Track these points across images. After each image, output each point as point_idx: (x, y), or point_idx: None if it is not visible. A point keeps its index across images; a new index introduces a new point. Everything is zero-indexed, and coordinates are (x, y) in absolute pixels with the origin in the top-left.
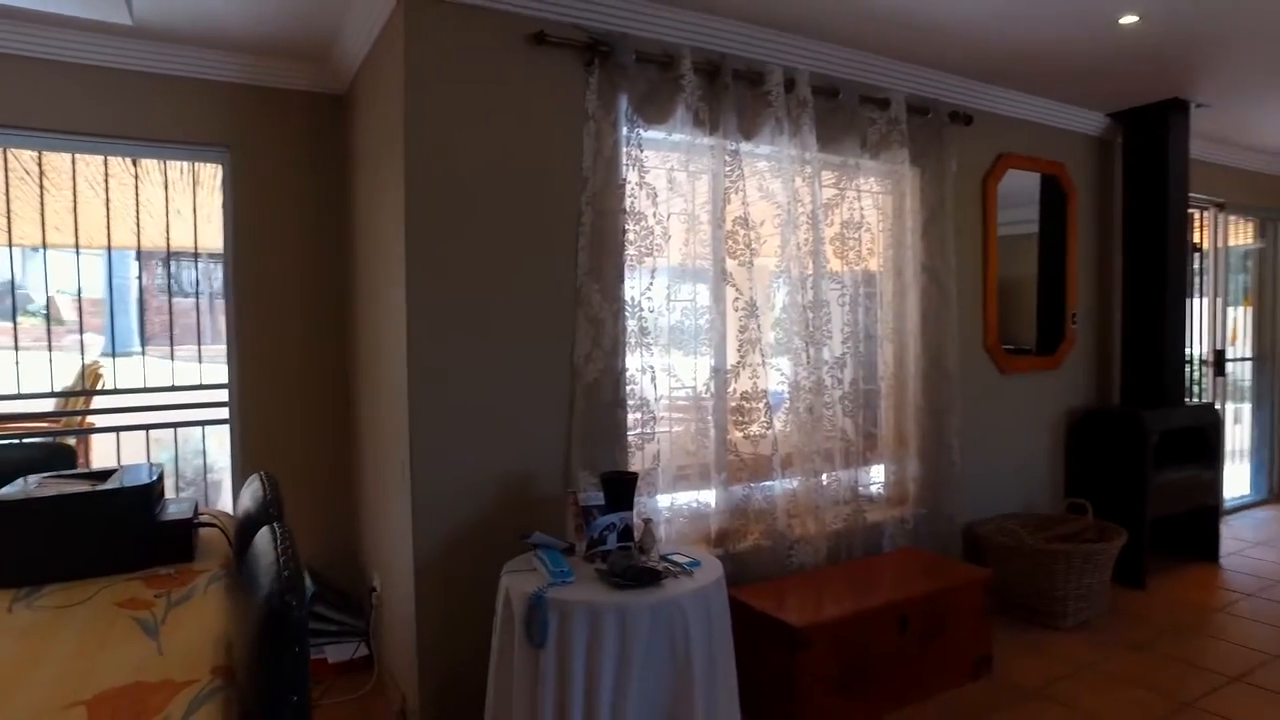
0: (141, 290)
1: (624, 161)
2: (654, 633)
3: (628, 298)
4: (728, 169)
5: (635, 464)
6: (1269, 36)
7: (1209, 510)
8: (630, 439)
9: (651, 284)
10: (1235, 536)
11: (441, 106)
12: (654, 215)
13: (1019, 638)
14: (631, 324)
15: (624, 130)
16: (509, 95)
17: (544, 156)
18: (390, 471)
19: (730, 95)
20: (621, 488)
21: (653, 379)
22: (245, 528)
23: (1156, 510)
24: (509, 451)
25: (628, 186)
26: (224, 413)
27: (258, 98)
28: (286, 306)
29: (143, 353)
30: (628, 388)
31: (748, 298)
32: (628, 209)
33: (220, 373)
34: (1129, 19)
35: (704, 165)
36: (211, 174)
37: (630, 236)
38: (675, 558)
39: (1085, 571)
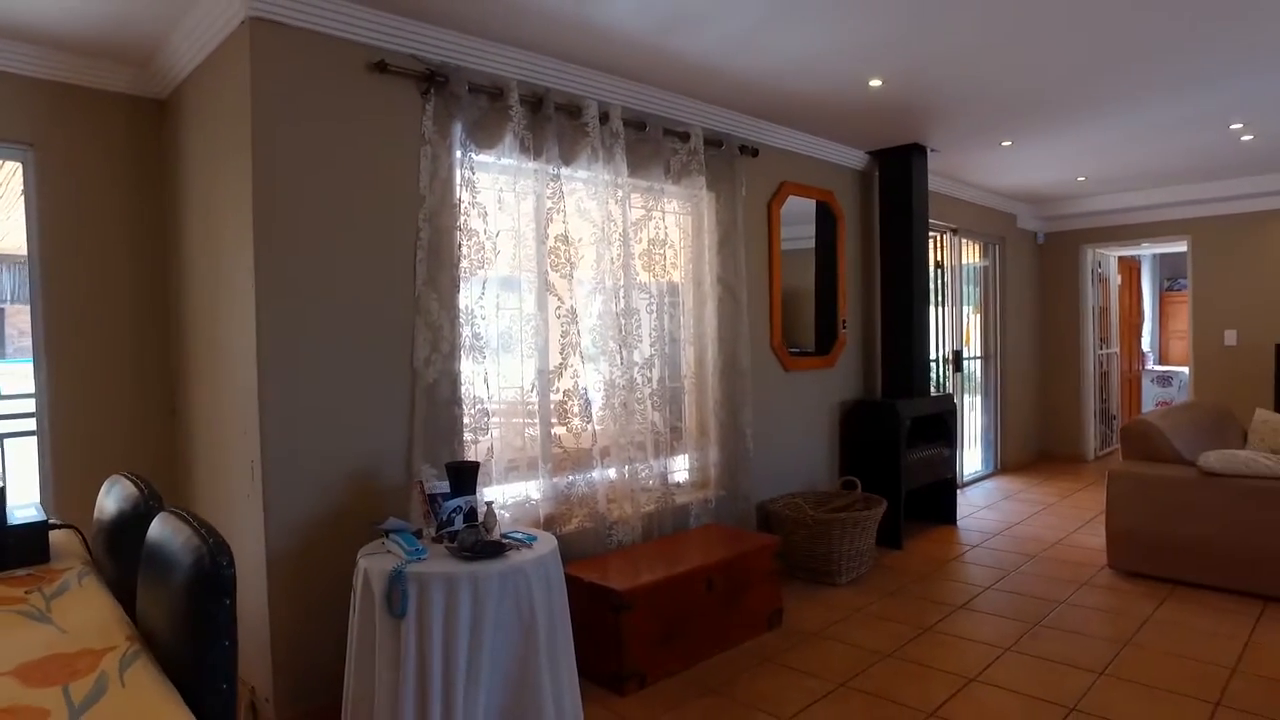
0: None
1: (458, 182)
2: (502, 597)
3: (463, 306)
4: (550, 191)
5: (470, 458)
6: (971, 105)
7: (949, 482)
8: (466, 435)
9: (483, 294)
10: (969, 503)
11: (287, 126)
12: (485, 231)
13: (804, 593)
14: (466, 330)
15: (458, 154)
16: (352, 118)
17: (385, 176)
18: (236, 471)
19: (553, 125)
20: (465, 474)
21: (485, 380)
22: (117, 528)
23: (910, 483)
24: (356, 448)
25: (462, 205)
26: (26, 424)
27: (67, 95)
28: (102, 311)
29: None
30: (463, 388)
31: (568, 306)
32: (462, 225)
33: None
34: (876, 82)
35: (529, 187)
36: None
37: (464, 251)
38: (515, 535)
39: (855, 536)
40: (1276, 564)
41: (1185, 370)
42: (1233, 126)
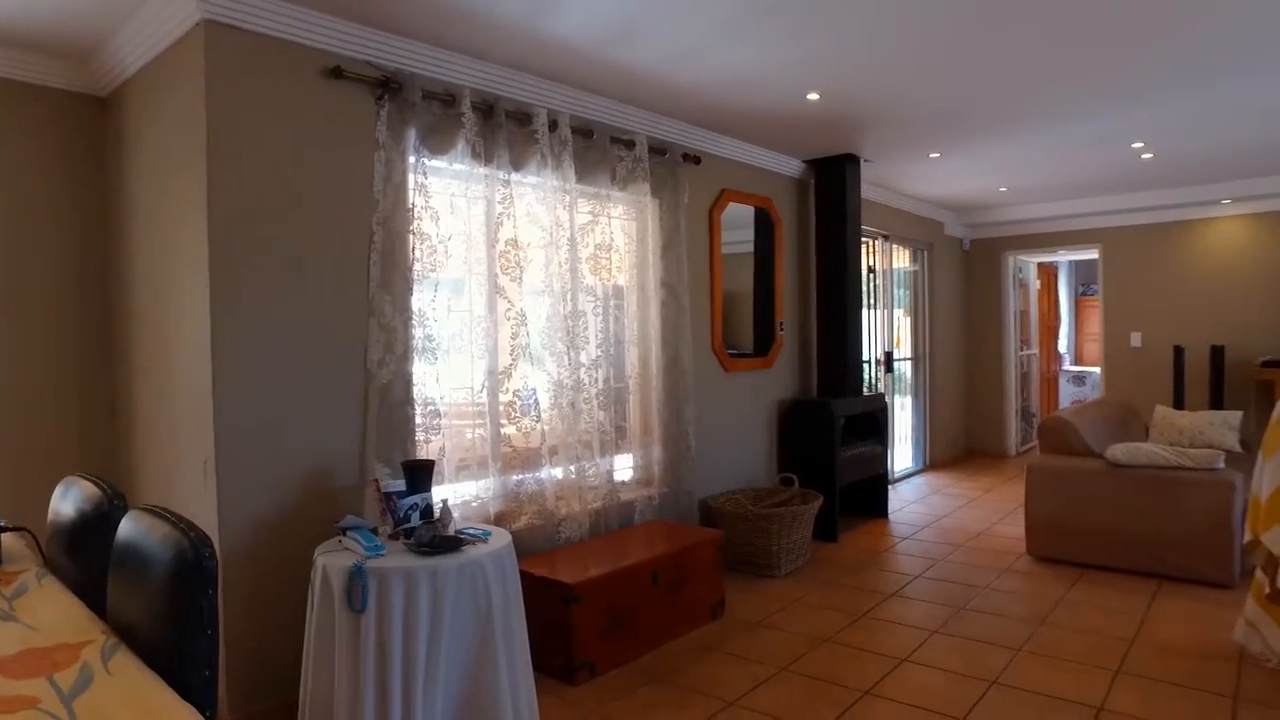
0: None
1: (412, 187)
2: (460, 589)
3: (415, 308)
4: (501, 196)
5: (422, 457)
6: (902, 119)
7: (881, 478)
8: (418, 435)
9: (435, 296)
10: (900, 498)
11: (243, 130)
12: (437, 235)
13: (745, 585)
14: (419, 331)
15: (412, 159)
16: (307, 123)
17: (339, 180)
18: (186, 471)
19: (503, 132)
20: (421, 472)
21: (438, 380)
22: (77, 528)
23: (844, 479)
24: (310, 447)
25: (415, 209)
26: None
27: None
28: (38, 310)
29: None
30: (416, 389)
31: (518, 309)
32: (415, 229)
33: None
34: (814, 95)
35: (480, 192)
36: None
37: (417, 254)
38: (471, 530)
39: (793, 530)
40: (1170, 546)
41: (1097, 370)
42: (1134, 145)
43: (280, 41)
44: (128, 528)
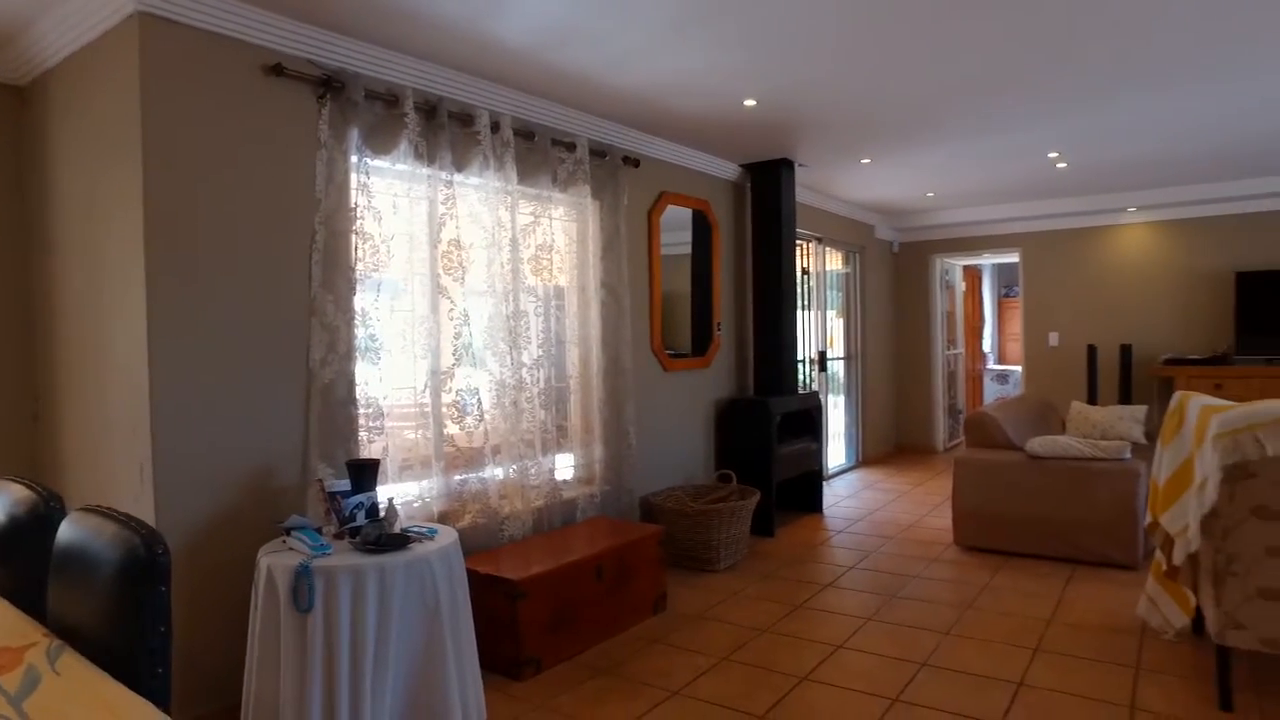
0: None
1: (354, 187)
2: (408, 586)
3: (359, 308)
4: (443, 196)
5: (366, 456)
6: (835, 126)
7: (816, 474)
8: (362, 435)
9: (379, 296)
10: (834, 493)
11: (180, 126)
12: (380, 235)
13: (686, 579)
14: (361, 331)
15: (354, 159)
16: (247, 120)
17: (280, 178)
18: (120, 474)
19: (446, 133)
20: (366, 472)
21: (381, 380)
22: (9, 534)
23: (780, 475)
24: (250, 448)
25: (358, 209)
26: None
27: None
28: None
29: None
30: (359, 388)
31: (460, 309)
32: (358, 229)
33: None
34: (750, 102)
35: (423, 192)
36: None
37: (360, 254)
38: (417, 528)
39: (732, 525)
40: (1084, 532)
41: (1019, 369)
42: (1050, 155)
43: (219, 37)
44: (70, 529)
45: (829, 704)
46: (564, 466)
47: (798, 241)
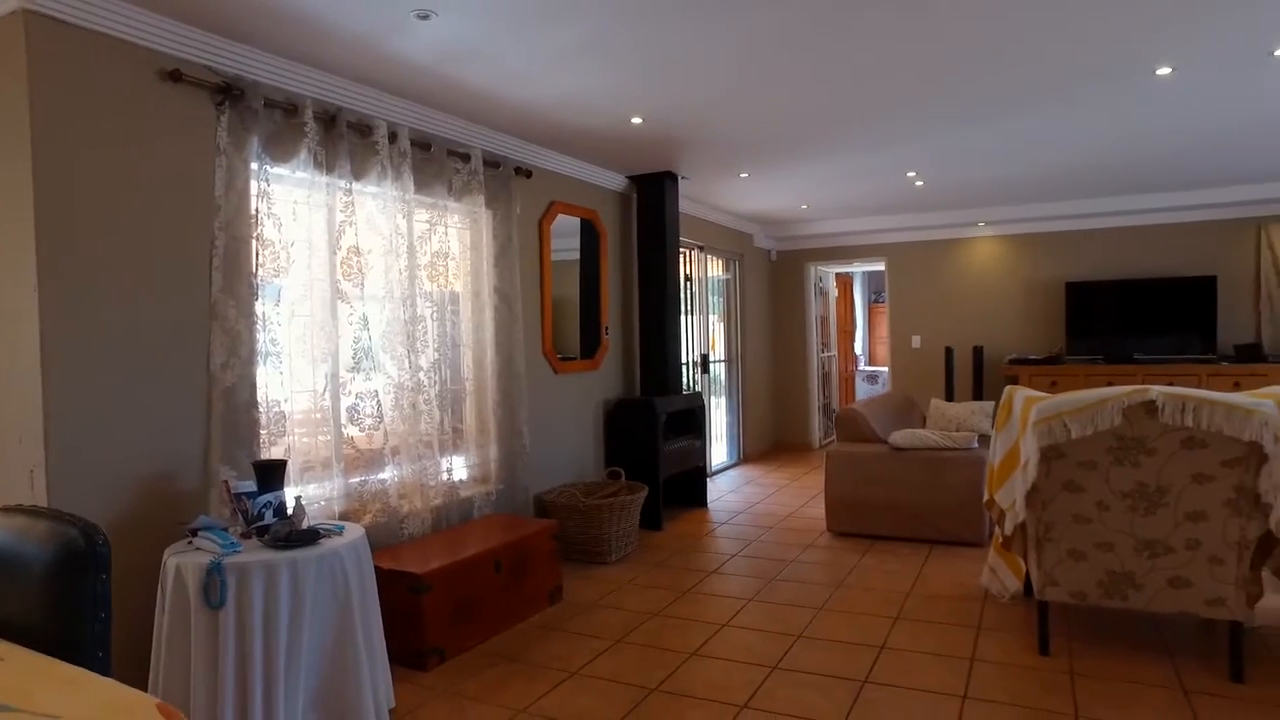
0: None
1: (255, 193)
2: (320, 579)
3: (259, 313)
4: (342, 204)
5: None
6: (714, 143)
7: (700, 470)
8: (263, 437)
9: (279, 301)
10: (717, 489)
11: (73, 128)
12: (280, 241)
13: (579, 571)
14: (263, 335)
15: (254, 166)
16: (144, 124)
17: (178, 184)
18: (8, 481)
19: (345, 142)
20: (273, 472)
21: (282, 384)
22: None
23: (666, 471)
24: (149, 451)
25: (258, 215)
26: None
27: None
28: None
29: None
30: (260, 391)
31: (359, 314)
32: (258, 235)
33: None
34: (637, 119)
35: (323, 200)
36: None
37: (261, 259)
38: (325, 525)
39: (621, 519)
40: (940, 515)
41: (887, 369)
42: (909, 174)
43: (113, 40)
44: None
45: (716, 674)
46: (461, 466)
47: (681, 249)
